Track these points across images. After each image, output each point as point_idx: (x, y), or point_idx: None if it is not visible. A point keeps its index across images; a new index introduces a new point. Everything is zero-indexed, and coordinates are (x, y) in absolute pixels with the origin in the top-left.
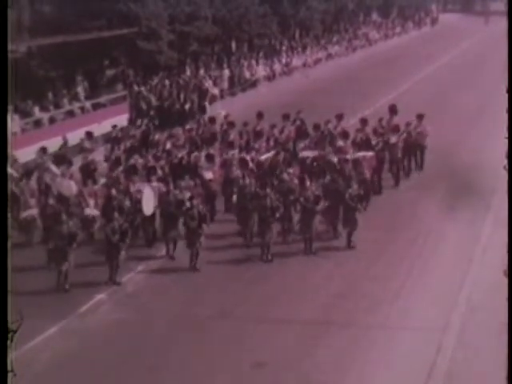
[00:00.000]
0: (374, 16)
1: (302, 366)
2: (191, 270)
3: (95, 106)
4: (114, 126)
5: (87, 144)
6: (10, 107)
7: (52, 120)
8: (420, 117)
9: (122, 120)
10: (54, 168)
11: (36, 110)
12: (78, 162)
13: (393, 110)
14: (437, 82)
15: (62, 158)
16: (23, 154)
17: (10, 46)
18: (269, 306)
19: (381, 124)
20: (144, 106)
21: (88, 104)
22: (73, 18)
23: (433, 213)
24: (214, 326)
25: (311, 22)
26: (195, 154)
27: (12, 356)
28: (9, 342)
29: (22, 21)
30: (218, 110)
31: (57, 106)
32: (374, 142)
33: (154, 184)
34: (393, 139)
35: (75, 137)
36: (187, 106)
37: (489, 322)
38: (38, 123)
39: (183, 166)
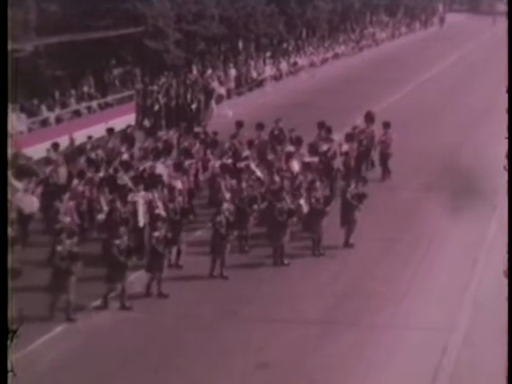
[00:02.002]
0: (381, 16)
1: (307, 366)
2: (220, 277)
3: (102, 106)
4: (90, 137)
5: (52, 155)
6: (17, 106)
7: (59, 119)
8: (386, 125)
9: (130, 119)
10: (14, 182)
11: (43, 109)
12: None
13: (369, 117)
14: (443, 82)
15: (24, 170)
16: (30, 152)
17: (10, 46)
18: (274, 306)
19: (354, 132)
20: (151, 106)
21: (95, 103)
22: (79, 17)
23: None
24: (219, 326)
25: (318, 21)
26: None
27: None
28: (9, 341)
29: (28, 20)
30: (224, 110)
31: (63, 105)
32: (325, 148)
33: (142, 193)
34: (345, 147)
35: (82, 137)
36: (194, 106)
37: (494, 323)
38: (44, 122)
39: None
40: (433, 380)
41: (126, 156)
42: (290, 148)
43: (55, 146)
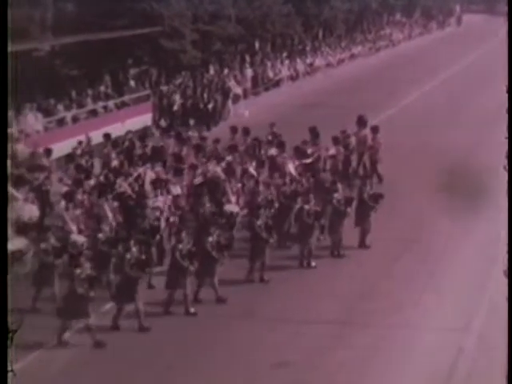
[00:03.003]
0: (398, 16)
1: (324, 366)
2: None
3: (118, 105)
4: (80, 143)
5: (45, 162)
6: (34, 105)
7: (75, 119)
8: (374, 129)
9: (146, 119)
10: (12, 190)
11: (60, 108)
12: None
13: (361, 121)
14: (460, 83)
15: (20, 179)
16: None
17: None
18: (291, 307)
19: (343, 136)
20: (167, 106)
21: (111, 103)
22: (96, 17)
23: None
24: (237, 326)
25: (335, 21)
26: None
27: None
28: (9, 341)
29: (45, 20)
30: (241, 110)
31: (80, 104)
32: (309, 152)
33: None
34: (332, 150)
35: (98, 136)
36: (210, 106)
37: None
38: (61, 122)
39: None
40: (448, 380)
41: (116, 162)
42: (273, 151)
43: (48, 151)
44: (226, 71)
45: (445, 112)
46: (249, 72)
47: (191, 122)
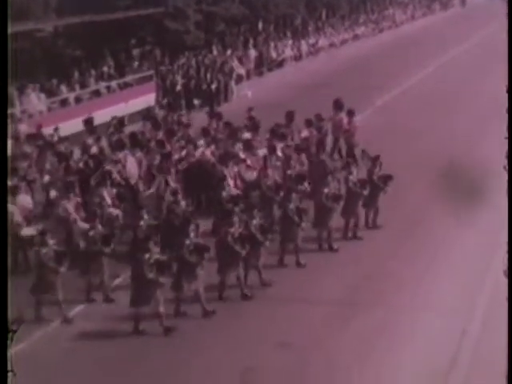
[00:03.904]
0: None
1: (326, 346)
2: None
3: (121, 86)
4: (56, 129)
5: (27, 149)
6: (37, 86)
7: (78, 99)
8: (350, 113)
9: (149, 99)
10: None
11: (63, 89)
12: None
13: (337, 104)
14: (463, 65)
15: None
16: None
17: (13, 28)
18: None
19: (317, 119)
20: (170, 86)
21: (114, 83)
22: None
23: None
24: (239, 307)
25: (338, 2)
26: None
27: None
28: (9, 341)
29: (48, 0)
30: (244, 90)
31: (83, 85)
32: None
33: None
34: (304, 133)
35: (102, 116)
36: (214, 86)
37: None
38: (64, 102)
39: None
40: (452, 362)
41: (94, 149)
42: (247, 135)
43: (31, 137)
44: (229, 52)
45: (448, 94)
46: (252, 53)
47: (196, 102)
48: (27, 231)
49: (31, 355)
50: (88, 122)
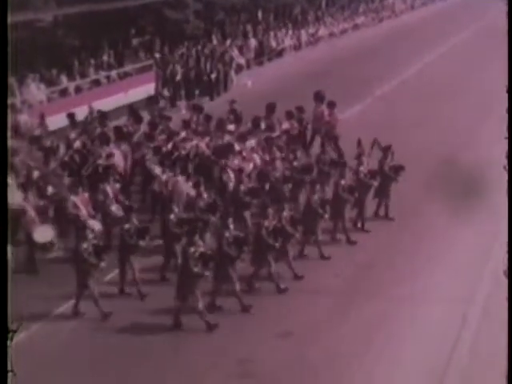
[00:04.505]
0: None
1: (327, 336)
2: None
3: (121, 75)
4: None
5: (14, 143)
6: (36, 76)
7: (78, 89)
8: (331, 104)
9: (149, 89)
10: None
11: (63, 78)
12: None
13: (318, 96)
14: (462, 55)
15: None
16: (50, 122)
17: (13, 18)
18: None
19: (297, 111)
20: (170, 76)
21: (114, 73)
22: None
23: None
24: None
25: None
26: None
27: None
28: (9, 341)
29: None
30: (244, 80)
31: (83, 75)
32: (262, 127)
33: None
34: (285, 125)
35: (101, 106)
36: (213, 76)
37: None
38: (64, 92)
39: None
40: (452, 351)
41: (78, 143)
42: (231, 127)
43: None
44: (228, 41)
45: (447, 83)
46: (252, 42)
47: (196, 92)
48: (43, 234)
49: (66, 349)
50: (71, 116)
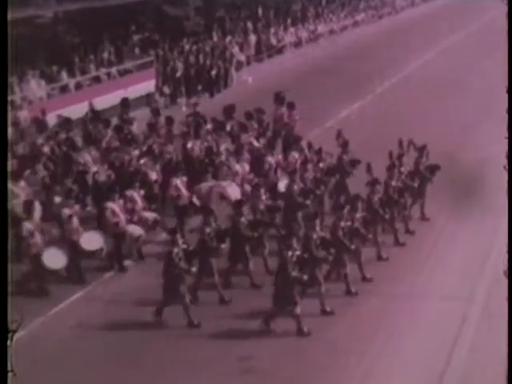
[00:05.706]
0: None
1: (328, 333)
2: None
3: (121, 72)
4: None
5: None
6: (37, 72)
7: (78, 86)
8: (290, 105)
9: (149, 86)
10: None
11: (63, 75)
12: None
13: (278, 98)
14: (463, 51)
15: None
16: (49, 119)
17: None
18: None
19: (257, 112)
20: (170, 73)
21: (114, 70)
22: None
23: None
24: (241, 293)
25: None
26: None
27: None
28: (9, 341)
29: None
30: (244, 76)
31: (83, 71)
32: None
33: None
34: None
35: (101, 103)
36: (214, 73)
37: None
38: (64, 89)
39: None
40: (452, 348)
41: (46, 149)
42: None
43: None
44: (229, 38)
45: (448, 80)
46: (252, 39)
47: (199, 88)
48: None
49: (66, 349)
50: (37, 121)
